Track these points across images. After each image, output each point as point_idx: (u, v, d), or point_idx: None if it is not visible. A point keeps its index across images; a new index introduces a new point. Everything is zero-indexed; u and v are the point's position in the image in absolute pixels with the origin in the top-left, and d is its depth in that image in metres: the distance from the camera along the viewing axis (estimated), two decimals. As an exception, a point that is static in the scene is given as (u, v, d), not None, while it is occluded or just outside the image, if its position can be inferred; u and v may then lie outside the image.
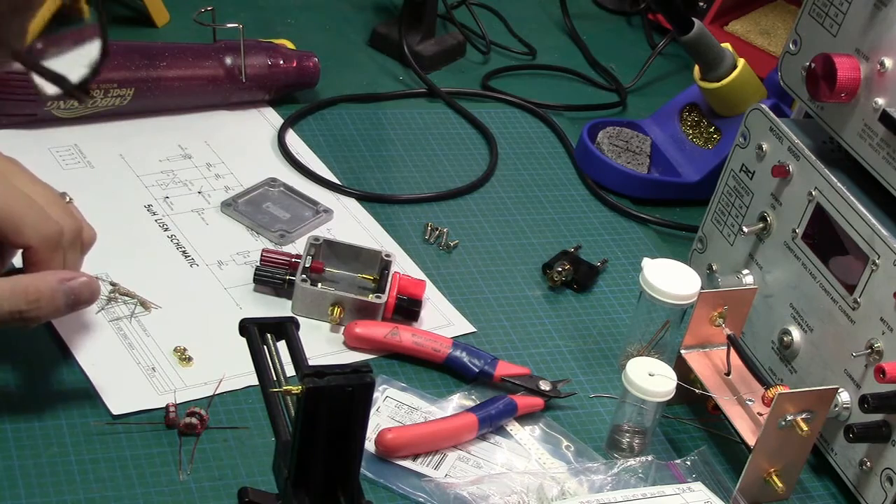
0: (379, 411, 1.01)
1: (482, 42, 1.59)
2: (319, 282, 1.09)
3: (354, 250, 1.12)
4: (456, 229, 1.25)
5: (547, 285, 1.20)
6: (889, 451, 0.97)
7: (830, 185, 1.03)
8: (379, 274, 1.11)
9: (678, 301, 1.06)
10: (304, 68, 1.36)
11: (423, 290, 1.11)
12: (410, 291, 1.10)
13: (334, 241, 1.13)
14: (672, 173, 1.37)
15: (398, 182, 1.31)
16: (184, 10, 1.43)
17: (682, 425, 1.08)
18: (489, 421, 1.01)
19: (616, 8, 1.74)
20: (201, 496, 0.91)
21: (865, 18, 1.00)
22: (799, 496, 1.04)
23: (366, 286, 1.11)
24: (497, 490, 0.96)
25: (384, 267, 1.11)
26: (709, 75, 1.33)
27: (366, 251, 1.12)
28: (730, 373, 1.06)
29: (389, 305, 1.08)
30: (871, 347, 0.98)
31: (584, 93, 1.55)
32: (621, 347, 1.13)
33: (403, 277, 1.11)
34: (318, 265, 1.10)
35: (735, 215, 1.15)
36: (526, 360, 1.11)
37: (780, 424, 0.97)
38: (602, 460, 1.01)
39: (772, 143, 1.10)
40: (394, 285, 1.09)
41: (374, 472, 0.96)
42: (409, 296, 1.10)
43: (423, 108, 1.44)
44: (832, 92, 1.00)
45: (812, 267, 1.05)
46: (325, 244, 1.12)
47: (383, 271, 1.11)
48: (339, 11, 1.59)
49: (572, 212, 1.32)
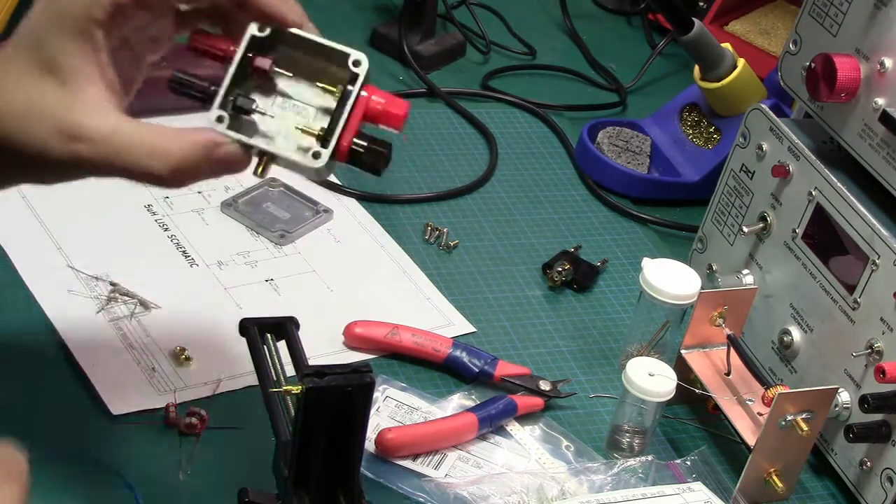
0: (379, 411, 1.01)
1: (482, 42, 1.59)
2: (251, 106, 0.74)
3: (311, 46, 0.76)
4: (456, 229, 1.25)
5: (547, 285, 1.20)
6: (889, 451, 0.97)
7: (830, 185, 1.03)
8: (342, 90, 0.74)
9: (678, 301, 1.06)
10: (304, 68, 1.36)
11: (402, 118, 0.75)
12: (384, 118, 0.75)
13: (287, 32, 0.76)
14: (672, 173, 1.37)
15: (398, 182, 1.31)
16: (184, 10, 1.43)
17: (682, 425, 1.08)
18: (489, 421, 1.01)
19: (616, 8, 1.74)
20: (201, 496, 0.91)
21: (865, 18, 1.00)
22: (799, 496, 1.04)
23: (324, 105, 0.75)
24: (497, 490, 0.96)
25: (349, 81, 0.74)
26: (709, 75, 1.33)
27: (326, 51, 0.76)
28: (730, 373, 1.06)
29: (342, 149, 0.73)
30: (871, 347, 0.98)
31: (584, 93, 1.55)
32: (621, 347, 1.13)
33: (374, 102, 0.74)
34: (265, 62, 0.74)
35: (735, 215, 1.15)
36: (526, 360, 1.11)
37: (780, 424, 0.97)
38: (602, 460, 1.01)
39: (772, 143, 1.10)
40: (354, 117, 0.73)
41: (374, 472, 0.96)
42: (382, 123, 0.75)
43: (423, 108, 1.44)
44: (832, 92, 1.00)
45: (812, 267, 1.05)
46: (273, 35, 0.75)
47: (347, 88, 0.74)
48: (339, 11, 1.59)
49: (572, 212, 1.32)
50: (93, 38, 0.69)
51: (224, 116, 0.73)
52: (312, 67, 0.75)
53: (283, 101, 0.74)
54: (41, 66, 0.69)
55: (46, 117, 0.69)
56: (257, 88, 0.74)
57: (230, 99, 0.73)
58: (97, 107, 0.69)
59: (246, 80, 0.74)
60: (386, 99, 0.74)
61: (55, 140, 0.68)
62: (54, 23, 0.69)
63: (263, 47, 0.74)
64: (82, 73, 0.69)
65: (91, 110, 0.69)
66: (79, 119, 0.69)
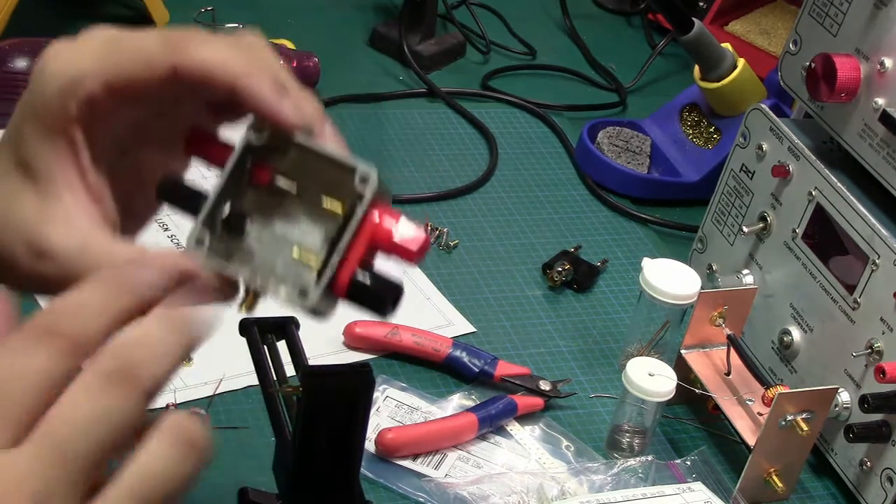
0: (379, 411, 1.01)
1: (482, 42, 1.59)
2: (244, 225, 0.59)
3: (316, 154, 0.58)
4: (456, 229, 1.25)
5: (547, 285, 1.20)
6: (889, 451, 0.97)
7: (830, 185, 1.03)
8: (347, 212, 0.57)
9: (678, 301, 1.06)
10: (304, 68, 1.36)
11: (415, 253, 0.58)
12: (394, 249, 0.58)
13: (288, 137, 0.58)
14: (672, 173, 1.37)
15: (398, 182, 1.31)
16: (184, 10, 1.43)
17: (682, 425, 1.08)
18: (489, 421, 1.01)
19: (616, 8, 1.74)
20: (201, 496, 0.91)
21: (865, 18, 1.00)
22: (799, 496, 1.04)
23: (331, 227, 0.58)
24: (497, 490, 0.96)
25: (355, 200, 0.57)
26: (709, 75, 1.33)
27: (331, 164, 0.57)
28: (730, 373, 1.06)
29: (341, 283, 0.57)
30: (871, 347, 0.98)
31: (584, 93, 1.55)
32: (621, 347, 1.13)
33: (383, 227, 0.57)
34: (263, 174, 0.58)
35: (735, 215, 1.15)
36: (526, 360, 1.11)
37: (780, 424, 0.97)
38: (602, 460, 1.01)
39: (772, 143, 1.10)
40: (356, 245, 0.57)
41: (374, 472, 0.96)
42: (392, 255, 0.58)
43: (423, 108, 1.44)
44: (832, 92, 1.00)
45: (812, 267, 1.05)
46: (273, 139, 0.58)
47: (352, 209, 0.57)
48: (339, 11, 1.59)
49: (572, 212, 1.32)
50: (70, 137, 0.58)
51: (204, 239, 0.58)
52: (321, 179, 0.58)
53: (285, 219, 0.59)
54: (19, 168, 0.59)
55: (18, 226, 0.58)
56: (255, 202, 0.59)
57: (220, 215, 0.58)
58: (69, 219, 0.58)
59: (242, 190, 0.58)
60: (399, 224, 0.58)
61: (22, 253, 0.58)
62: (29, 119, 0.58)
63: (267, 151, 0.58)
64: (59, 178, 0.58)
65: (61, 223, 0.58)
66: (47, 232, 0.58)
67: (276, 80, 0.56)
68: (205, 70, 0.56)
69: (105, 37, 0.59)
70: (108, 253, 0.58)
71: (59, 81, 0.57)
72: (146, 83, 0.57)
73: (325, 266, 0.56)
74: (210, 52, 0.56)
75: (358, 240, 0.57)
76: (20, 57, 1.21)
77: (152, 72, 0.56)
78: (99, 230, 0.58)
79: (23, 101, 0.59)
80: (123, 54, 0.57)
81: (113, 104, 0.58)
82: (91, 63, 0.57)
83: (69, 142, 0.58)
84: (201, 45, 0.57)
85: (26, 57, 1.22)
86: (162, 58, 0.56)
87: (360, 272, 0.57)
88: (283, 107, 0.56)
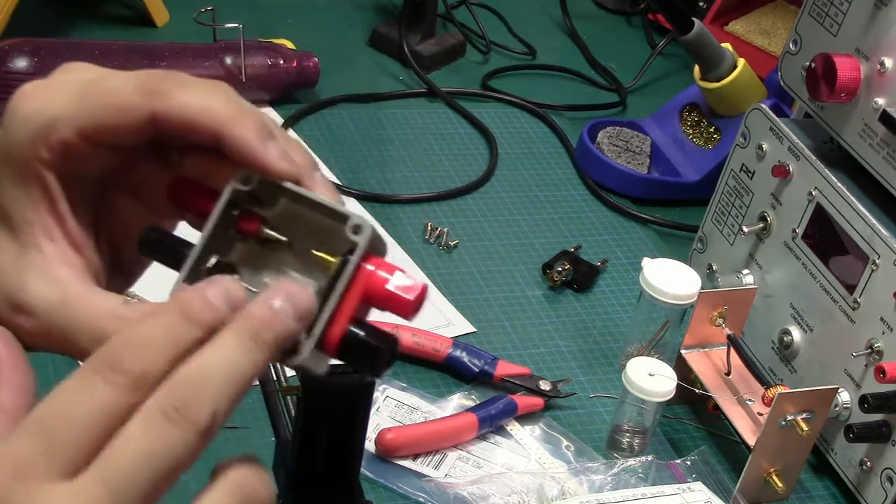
0: (379, 411, 1.01)
1: (482, 42, 1.59)
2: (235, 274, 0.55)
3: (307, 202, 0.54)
4: (456, 229, 1.25)
5: (547, 285, 1.20)
6: (889, 451, 0.97)
7: (830, 185, 1.03)
8: (339, 264, 0.53)
9: (678, 301, 1.06)
10: (304, 68, 1.36)
11: (412, 305, 0.53)
12: (389, 303, 0.53)
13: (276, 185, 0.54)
14: (672, 173, 1.37)
15: (398, 182, 1.31)
16: (184, 10, 1.43)
17: (682, 425, 1.08)
18: (489, 421, 1.01)
19: (616, 8, 1.74)
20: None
21: (865, 18, 1.00)
22: (799, 496, 1.04)
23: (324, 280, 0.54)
24: (497, 490, 0.96)
25: (347, 252, 0.53)
26: (709, 75, 1.33)
27: (322, 212, 0.54)
28: (730, 373, 1.06)
29: (331, 339, 0.52)
30: (871, 347, 0.98)
31: (584, 93, 1.55)
32: (621, 347, 1.13)
33: (377, 278, 0.53)
34: (251, 225, 0.55)
35: (735, 215, 1.15)
36: (526, 360, 1.11)
37: (781, 424, 0.97)
38: (602, 460, 1.01)
39: (772, 143, 1.10)
40: (350, 298, 0.53)
41: (374, 472, 0.96)
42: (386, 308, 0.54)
43: (423, 108, 1.44)
44: (832, 92, 1.00)
45: (812, 267, 1.05)
46: (260, 188, 0.54)
47: (344, 260, 0.53)
48: (339, 11, 1.59)
49: (572, 212, 1.32)
50: (44, 183, 0.54)
51: None
52: (312, 229, 0.55)
53: (274, 270, 0.55)
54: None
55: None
56: (242, 252, 0.56)
57: (205, 267, 0.55)
58: (48, 269, 0.55)
59: (229, 241, 0.55)
60: (394, 277, 0.54)
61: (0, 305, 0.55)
62: (2, 164, 0.55)
63: (255, 199, 0.55)
64: (36, 226, 0.55)
65: (40, 274, 0.55)
66: (23, 284, 0.54)
67: (262, 127, 0.53)
68: (185, 116, 0.53)
69: (80, 79, 0.55)
70: (90, 306, 0.54)
71: (31, 125, 0.53)
72: (123, 130, 0.53)
73: (315, 321, 0.52)
74: (190, 97, 0.53)
75: (350, 293, 0.53)
76: (20, 57, 1.21)
77: (129, 118, 0.53)
78: (80, 281, 0.55)
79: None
80: (98, 99, 0.53)
81: (88, 150, 0.54)
82: (64, 108, 0.53)
83: (43, 188, 0.55)
84: (181, 89, 0.53)
85: (26, 57, 1.22)
86: (139, 103, 0.53)
87: (352, 328, 0.53)
88: (270, 154, 0.53)
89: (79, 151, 0.54)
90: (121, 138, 0.54)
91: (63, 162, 0.54)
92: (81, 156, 0.54)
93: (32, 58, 1.22)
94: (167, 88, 0.53)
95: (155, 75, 0.53)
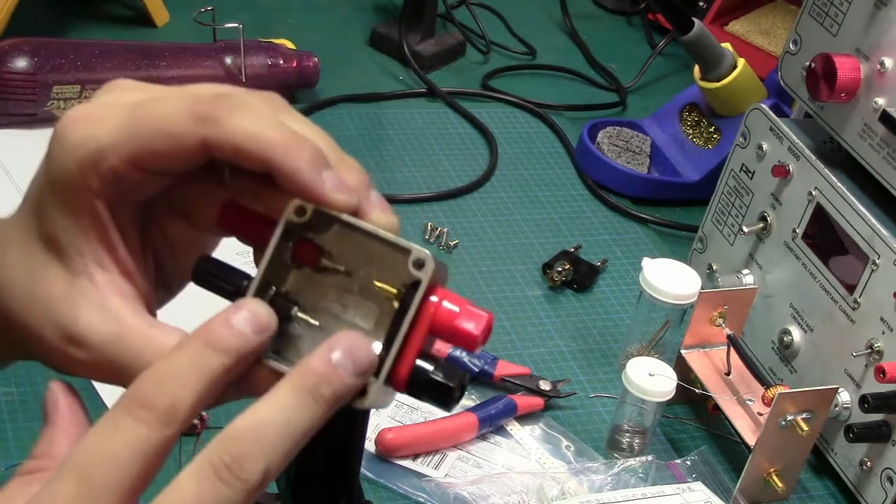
0: (379, 411, 1.01)
1: (482, 42, 1.59)
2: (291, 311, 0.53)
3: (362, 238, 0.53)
4: (456, 229, 1.25)
5: (547, 285, 1.20)
6: (889, 451, 0.97)
7: (830, 185, 1.03)
8: (402, 297, 0.53)
9: (678, 301, 1.06)
10: (304, 68, 1.36)
11: (477, 339, 0.52)
12: (454, 336, 0.52)
13: (333, 216, 0.52)
14: (672, 173, 1.37)
15: (398, 182, 1.31)
16: (184, 10, 1.43)
17: (682, 425, 1.08)
18: (489, 421, 1.01)
19: (616, 8, 1.74)
20: (201, 496, 0.91)
21: (865, 18, 1.00)
22: (799, 496, 1.04)
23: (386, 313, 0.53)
24: (497, 490, 0.96)
25: (409, 285, 0.52)
26: (709, 75, 1.33)
27: (381, 243, 0.53)
28: (730, 373, 1.06)
29: (399, 377, 0.51)
30: (871, 347, 0.98)
31: (584, 93, 1.55)
32: (621, 347, 1.13)
33: (443, 311, 0.52)
34: (309, 255, 0.53)
35: (735, 215, 1.15)
36: (526, 360, 1.11)
37: (781, 424, 0.97)
38: (602, 460, 1.01)
39: (772, 143, 1.10)
40: (416, 334, 0.52)
41: (374, 472, 0.96)
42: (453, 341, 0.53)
43: (423, 108, 1.44)
44: (832, 92, 1.00)
45: (812, 267, 1.05)
46: (316, 218, 0.52)
47: (407, 296, 0.52)
48: (339, 11, 1.59)
49: (572, 212, 1.32)
50: (94, 212, 0.53)
51: None
52: (370, 259, 0.53)
53: (335, 302, 0.54)
54: (44, 242, 0.54)
55: (46, 305, 0.53)
56: (299, 284, 0.54)
57: (263, 301, 0.53)
58: (102, 301, 0.54)
59: (286, 271, 0.54)
60: (461, 309, 0.53)
61: (53, 336, 0.53)
62: (49, 191, 0.53)
63: (312, 228, 0.53)
64: (87, 255, 0.54)
65: (94, 306, 0.53)
66: (76, 315, 0.53)
67: (316, 156, 0.51)
68: (237, 144, 0.51)
69: (127, 102, 0.53)
70: (146, 340, 0.53)
71: (79, 153, 0.52)
72: (173, 157, 0.52)
73: (384, 359, 0.51)
74: (242, 123, 0.51)
75: (416, 328, 0.52)
76: (20, 57, 1.21)
77: (179, 146, 0.51)
78: (134, 313, 0.54)
79: (43, 169, 0.54)
80: (148, 125, 0.51)
81: (137, 177, 0.52)
82: (112, 136, 0.52)
83: (93, 216, 0.53)
84: (232, 114, 0.51)
85: (26, 57, 1.22)
86: (190, 130, 0.51)
87: (419, 364, 0.52)
88: (324, 186, 0.51)
89: (129, 179, 0.52)
90: (172, 165, 0.52)
91: (113, 189, 0.53)
92: (132, 183, 0.53)
93: (32, 58, 1.22)
94: (218, 114, 0.51)
95: (205, 98, 0.51)
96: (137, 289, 0.55)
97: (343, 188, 0.51)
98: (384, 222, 0.52)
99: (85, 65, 1.24)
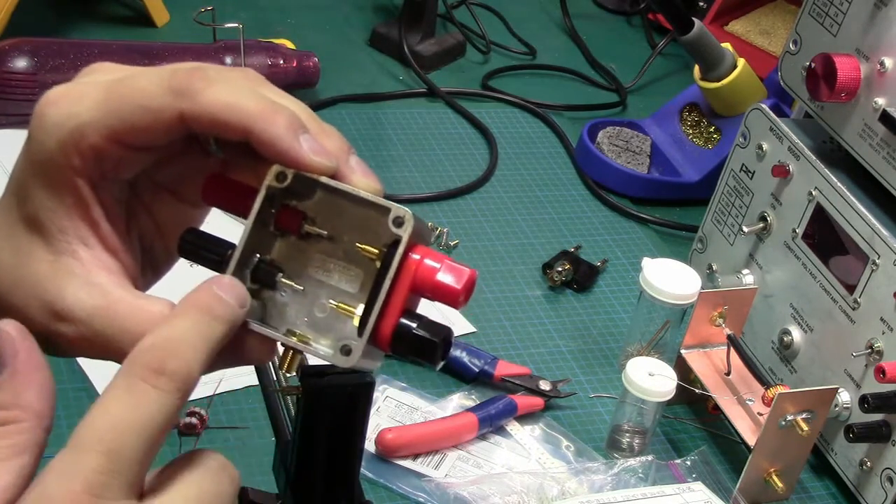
0: (379, 411, 1.01)
1: (482, 42, 1.59)
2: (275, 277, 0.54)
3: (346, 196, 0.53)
4: (456, 229, 1.25)
5: (547, 285, 1.20)
6: (889, 451, 0.97)
7: (830, 185, 1.03)
8: (383, 256, 0.52)
9: (678, 301, 1.06)
10: (304, 68, 1.36)
11: (460, 294, 0.53)
12: (436, 292, 0.53)
13: (313, 180, 0.52)
14: (672, 173, 1.37)
15: (398, 182, 1.31)
16: (184, 10, 1.43)
17: (682, 425, 1.08)
18: (489, 421, 1.01)
19: (616, 8, 1.74)
20: (201, 496, 0.91)
21: (865, 18, 1.00)
22: (799, 496, 1.04)
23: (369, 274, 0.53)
24: (497, 490, 0.96)
25: (391, 244, 0.52)
26: (709, 75, 1.33)
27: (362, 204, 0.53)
28: (730, 373, 1.06)
29: (383, 334, 0.52)
30: (871, 347, 0.98)
31: (584, 93, 1.55)
32: (621, 347, 1.13)
33: (424, 268, 0.52)
34: (292, 221, 0.54)
35: (735, 215, 1.15)
36: (526, 360, 1.11)
37: (781, 424, 0.97)
38: (602, 460, 1.01)
39: (772, 143, 1.10)
40: (398, 292, 0.52)
41: (374, 472, 0.96)
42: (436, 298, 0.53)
43: (423, 108, 1.44)
44: (832, 92, 1.00)
45: (812, 267, 1.05)
46: (297, 183, 0.52)
47: (388, 255, 0.52)
48: (339, 11, 1.59)
49: (572, 212, 1.32)
50: (77, 190, 0.53)
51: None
52: (352, 222, 0.53)
53: (319, 267, 0.54)
54: (28, 223, 0.54)
55: (32, 285, 0.54)
56: (283, 250, 0.54)
57: (248, 268, 0.54)
58: (86, 276, 0.54)
59: (269, 239, 0.54)
60: (441, 265, 0.53)
61: (39, 314, 0.54)
62: (31, 172, 0.54)
63: (292, 194, 0.53)
64: (70, 233, 0.54)
65: (78, 281, 0.54)
66: (62, 292, 0.54)
67: (293, 121, 0.52)
68: (214, 115, 0.51)
69: (106, 80, 0.54)
70: (134, 310, 0.54)
71: (59, 133, 0.52)
72: (152, 131, 0.52)
73: (367, 317, 0.52)
74: (218, 94, 0.51)
75: (398, 286, 0.52)
76: (20, 57, 1.22)
77: (157, 119, 0.52)
78: (120, 286, 0.54)
79: (24, 152, 0.55)
80: (126, 101, 0.52)
81: (118, 153, 0.53)
82: (91, 113, 0.52)
83: (76, 195, 0.54)
84: (208, 87, 0.51)
85: (26, 57, 1.22)
86: (167, 104, 0.51)
87: (403, 321, 0.52)
88: (302, 150, 0.51)
89: (110, 155, 0.53)
90: (151, 139, 0.53)
91: (95, 167, 0.53)
92: (113, 159, 0.53)
93: (32, 58, 1.22)
94: (195, 86, 0.51)
95: (181, 72, 0.52)
96: (123, 265, 0.55)
97: (322, 152, 0.52)
98: (365, 185, 0.52)
99: (85, 65, 1.24)
